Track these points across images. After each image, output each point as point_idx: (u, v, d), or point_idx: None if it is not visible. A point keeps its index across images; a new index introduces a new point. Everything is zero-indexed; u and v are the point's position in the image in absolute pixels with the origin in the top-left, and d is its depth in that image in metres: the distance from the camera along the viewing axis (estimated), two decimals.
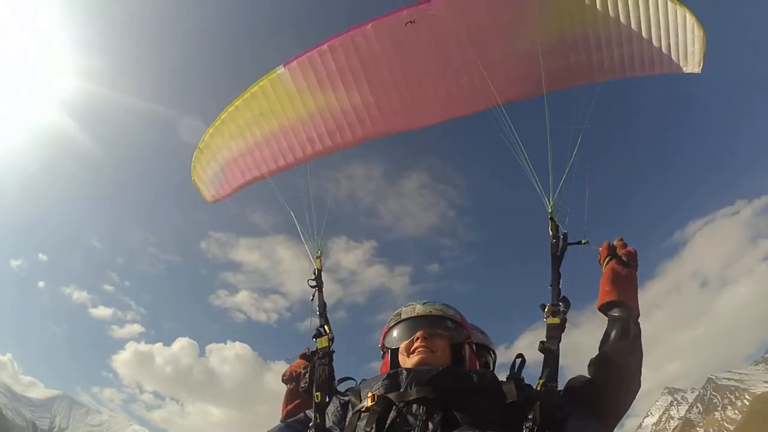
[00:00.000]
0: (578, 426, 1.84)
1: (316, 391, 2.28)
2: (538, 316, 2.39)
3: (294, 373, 2.87)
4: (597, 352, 2.27)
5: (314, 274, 3.25)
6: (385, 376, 2.00)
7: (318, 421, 2.12)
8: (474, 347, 2.43)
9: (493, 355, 2.90)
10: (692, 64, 3.49)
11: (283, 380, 2.96)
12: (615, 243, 2.53)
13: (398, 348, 2.22)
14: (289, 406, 2.79)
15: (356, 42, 3.85)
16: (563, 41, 3.64)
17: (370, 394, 1.91)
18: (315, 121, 4.12)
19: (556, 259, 2.55)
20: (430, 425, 1.74)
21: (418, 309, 2.30)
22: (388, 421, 1.80)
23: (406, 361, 2.13)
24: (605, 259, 2.48)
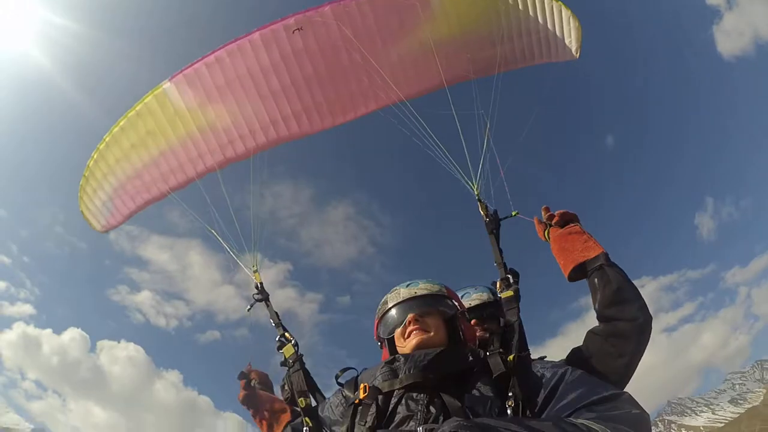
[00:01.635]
0: (571, 384, 1.71)
1: (299, 398, 2.27)
2: None
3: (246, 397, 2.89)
4: (595, 312, 2.15)
5: (257, 288, 3.16)
6: (383, 363, 1.97)
7: (311, 425, 2.08)
8: (467, 316, 2.36)
9: None
10: (570, 53, 3.64)
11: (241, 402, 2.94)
12: (543, 215, 2.49)
13: (394, 336, 2.16)
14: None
15: (243, 51, 3.72)
16: (453, 41, 3.70)
17: (362, 386, 1.86)
18: (206, 135, 3.89)
19: (494, 236, 2.58)
20: (432, 410, 1.70)
21: (403, 292, 2.22)
22: (390, 408, 1.77)
23: (404, 347, 2.07)
24: (543, 233, 2.46)
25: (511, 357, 1.87)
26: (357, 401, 1.85)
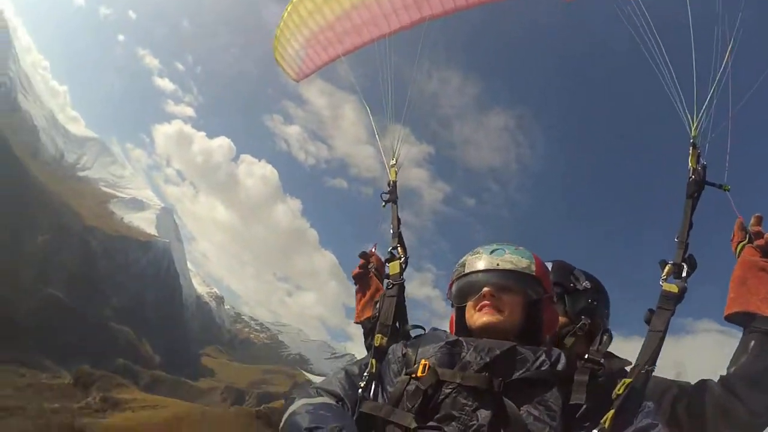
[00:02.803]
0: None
1: (378, 332, 2.09)
2: None
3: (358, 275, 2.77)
4: (726, 371, 1.75)
5: (389, 185, 2.96)
6: (444, 343, 1.78)
7: (374, 370, 1.90)
8: (555, 298, 2.05)
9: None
10: None
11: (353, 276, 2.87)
12: (750, 223, 1.88)
13: (466, 305, 1.94)
14: (363, 313, 2.66)
15: None
16: None
17: (423, 362, 1.71)
18: None
19: (691, 201, 2.02)
20: (479, 417, 1.55)
21: (485, 260, 1.93)
22: (439, 398, 1.62)
23: (472, 321, 1.88)
24: (738, 244, 1.90)
25: (626, 381, 1.60)
26: (413, 375, 1.69)
